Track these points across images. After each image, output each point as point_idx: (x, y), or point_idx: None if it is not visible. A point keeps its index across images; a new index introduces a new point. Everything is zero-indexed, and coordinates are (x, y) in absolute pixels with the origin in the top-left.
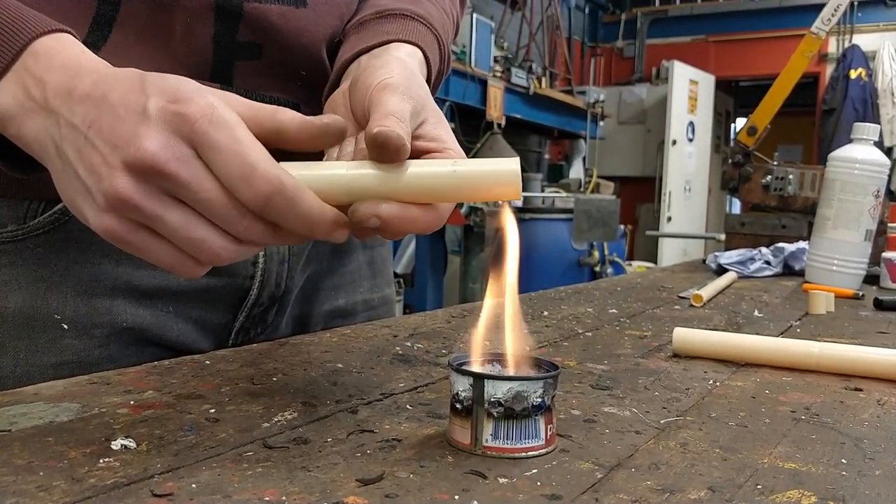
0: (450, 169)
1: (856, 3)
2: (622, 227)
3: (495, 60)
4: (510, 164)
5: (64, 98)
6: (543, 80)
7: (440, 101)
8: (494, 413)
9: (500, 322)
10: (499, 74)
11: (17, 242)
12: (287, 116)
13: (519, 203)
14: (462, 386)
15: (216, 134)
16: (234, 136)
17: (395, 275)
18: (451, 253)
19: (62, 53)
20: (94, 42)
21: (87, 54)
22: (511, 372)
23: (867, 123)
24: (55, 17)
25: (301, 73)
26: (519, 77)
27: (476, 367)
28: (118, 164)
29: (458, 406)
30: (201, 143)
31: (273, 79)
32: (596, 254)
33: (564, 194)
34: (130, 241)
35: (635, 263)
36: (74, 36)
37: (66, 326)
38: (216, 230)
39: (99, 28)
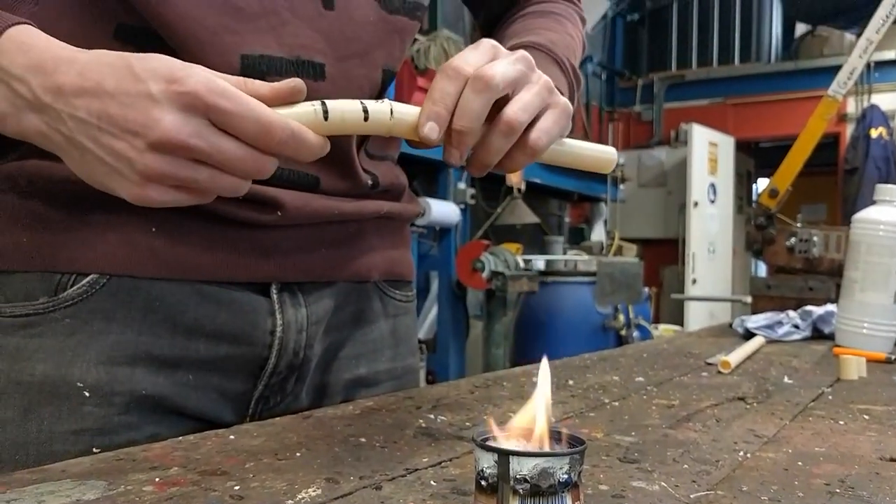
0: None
1: (872, 64)
2: (647, 289)
3: None
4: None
5: (55, 95)
6: None
7: (461, 168)
8: (520, 490)
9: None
10: None
11: (48, 314)
12: (258, 83)
13: (541, 266)
14: (487, 462)
15: (225, 102)
16: (240, 100)
17: (418, 341)
18: (473, 317)
19: (34, 48)
20: None
21: (54, 43)
22: (536, 447)
23: (889, 185)
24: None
25: None
26: None
27: (501, 443)
28: (144, 147)
29: (482, 483)
30: (215, 111)
31: None
32: (621, 317)
33: (586, 257)
34: (167, 200)
35: (662, 326)
36: (33, 25)
37: (87, 394)
38: (234, 178)
39: None
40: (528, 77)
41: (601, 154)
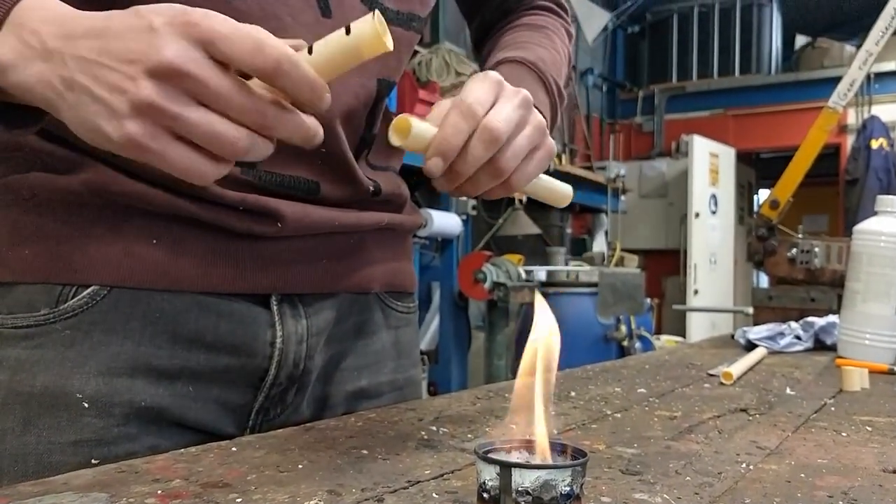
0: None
1: (872, 76)
2: (649, 300)
3: None
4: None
5: (64, 40)
6: (563, 156)
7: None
8: (522, 502)
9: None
10: None
11: (48, 325)
12: None
13: (543, 276)
14: (489, 475)
15: (220, 27)
16: (234, 24)
17: (420, 352)
18: (475, 328)
19: (53, 8)
20: None
21: (75, 9)
22: (539, 459)
23: (890, 196)
24: None
25: (322, 150)
26: None
27: (503, 455)
28: (140, 74)
29: (485, 496)
30: (211, 37)
31: (294, 157)
32: (623, 328)
33: (588, 268)
34: (151, 146)
35: (664, 337)
36: None
37: (86, 405)
38: (231, 123)
39: None
40: (525, 120)
41: (560, 190)
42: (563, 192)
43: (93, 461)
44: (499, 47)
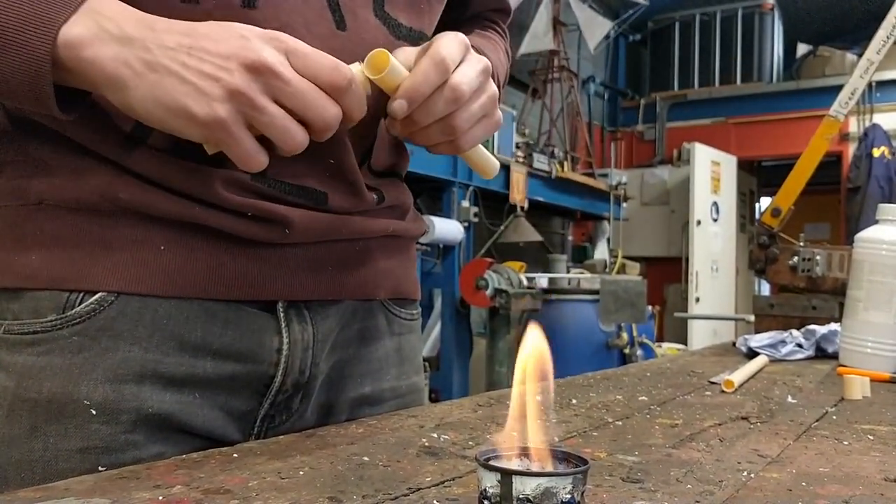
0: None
1: (873, 84)
2: (650, 308)
3: (517, 146)
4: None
5: (145, 29)
6: (565, 164)
7: (464, 186)
8: None
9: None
10: (521, 160)
11: (55, 331)
12: None
13: (544, 284)
14: (490, 482)
15: (301, 45)
16: (311, 47)
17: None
18: (477, 335)
19: (129, 7)
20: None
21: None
22: (539, 467)
23: (892, 205)
24: None
25: (330, 162)
26: (541, 162)
27: (504, 462)
28: (236, 67)
29: (485, 503)
30: (295, 51)
31: (303, 167)
32: (625, 335)
33: (590, 275)
34: (233, 130)
35: (665, 345)
36: None
37: (94, 412)
38: (299, 125)
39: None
40: (483, 87)
41: (491, 161)
42: (493, 164)
43: (100, 468)
44: None
